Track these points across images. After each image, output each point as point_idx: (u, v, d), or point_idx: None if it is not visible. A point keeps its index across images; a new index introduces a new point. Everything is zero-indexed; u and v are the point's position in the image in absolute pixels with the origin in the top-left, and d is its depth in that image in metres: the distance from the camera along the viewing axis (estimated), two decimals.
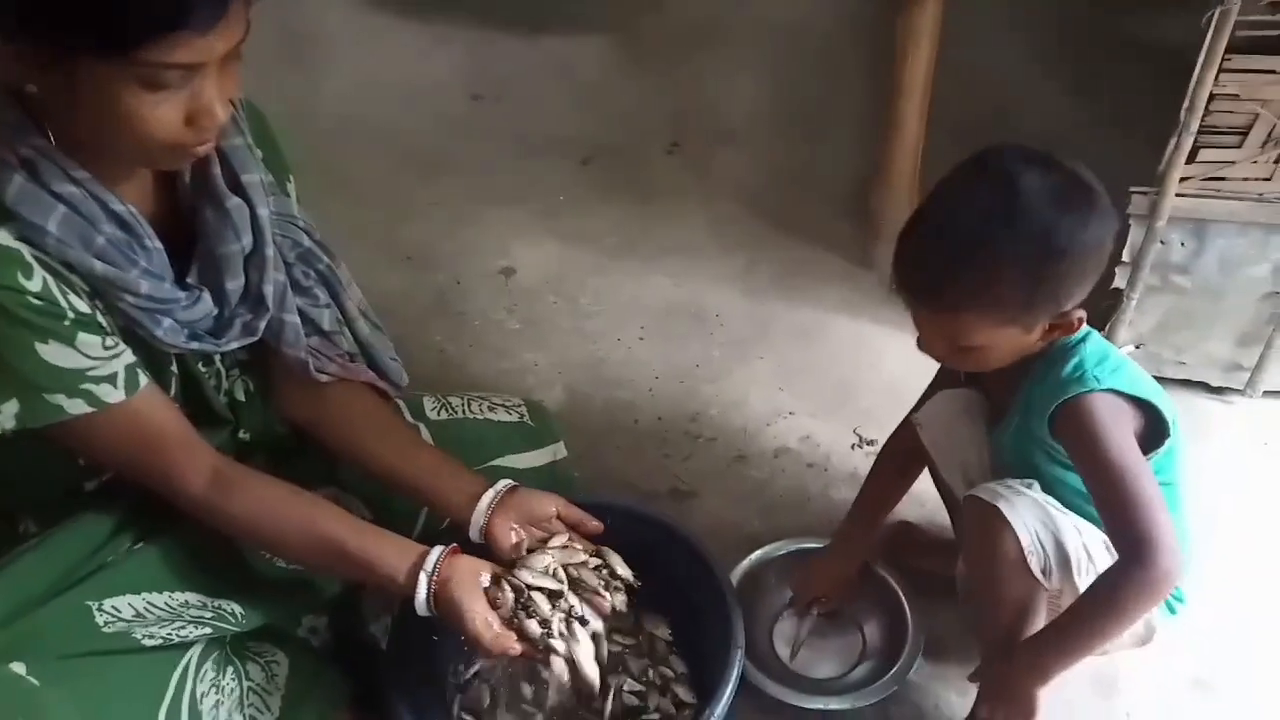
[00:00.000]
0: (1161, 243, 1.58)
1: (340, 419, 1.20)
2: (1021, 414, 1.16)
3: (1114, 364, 1.10)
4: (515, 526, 1.15)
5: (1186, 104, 1.44)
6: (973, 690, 1.29)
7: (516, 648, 1.05)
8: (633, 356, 1.92)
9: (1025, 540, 1.10)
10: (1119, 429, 1.07)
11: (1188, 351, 1.71)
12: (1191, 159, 1.49)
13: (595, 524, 1.19)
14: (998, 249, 1.02)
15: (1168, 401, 1.13)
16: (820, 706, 1.27)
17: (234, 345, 1.08)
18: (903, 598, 1.40)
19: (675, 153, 2.51)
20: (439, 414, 1.37)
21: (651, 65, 2.66)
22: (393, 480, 1.20)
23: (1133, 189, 1.55)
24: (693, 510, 1.60)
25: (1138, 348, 1.72)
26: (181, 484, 1.03)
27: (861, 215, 2.12)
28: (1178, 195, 1.52)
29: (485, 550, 1.14)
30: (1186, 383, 1.75)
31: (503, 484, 1.16)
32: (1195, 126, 1.45)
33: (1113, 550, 1.09)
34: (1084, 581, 1.12)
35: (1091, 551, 1.14)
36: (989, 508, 1.12)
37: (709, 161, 2.45)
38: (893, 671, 1.30)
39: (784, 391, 1.83)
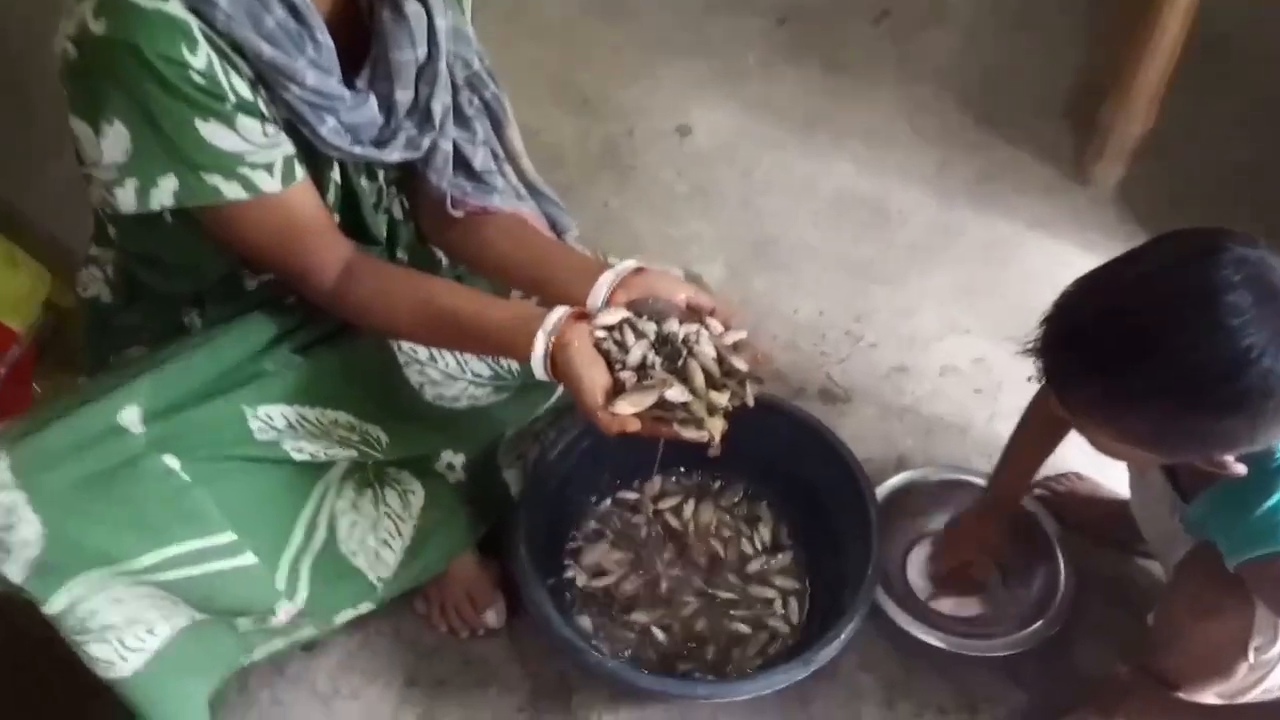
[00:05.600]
0: None
1: (478, 246, 1.12)
2: (1203, 521, 0.99)
3: None
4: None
5: None
6: (1109, 662, 1.20)
7: (633, 425, 0.91)
8: (802, 242, 1.80)
9: (1260, 621, 0.96)
10: None
11: None
12: None
13: (731, 315, 1.02)
14: (1163, 389, 0.82)
15: None
16: (948, 647, 1.20)
17: (397, 157, 1.04)
18: (1058, 550, 1.29)
19: (882, 23, 2.28)
20: None
21: None
22: (510, 273, 1.11)
23: None
24: (842, 416, 1.51)
25: None
26: (316, 278, 1.01)
27: (1083, 124, 1.89)
28: None
29: None
30: None
31: (627, 264, 1.02)
32: None
33: None
34: None
35: None
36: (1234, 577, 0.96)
37: (916, 39, 2.21)
38: (1035, 626, 1.21)
39: (962, 306, 1.68)
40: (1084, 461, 1.39)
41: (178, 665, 1.05)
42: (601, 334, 0.94)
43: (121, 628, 0.98)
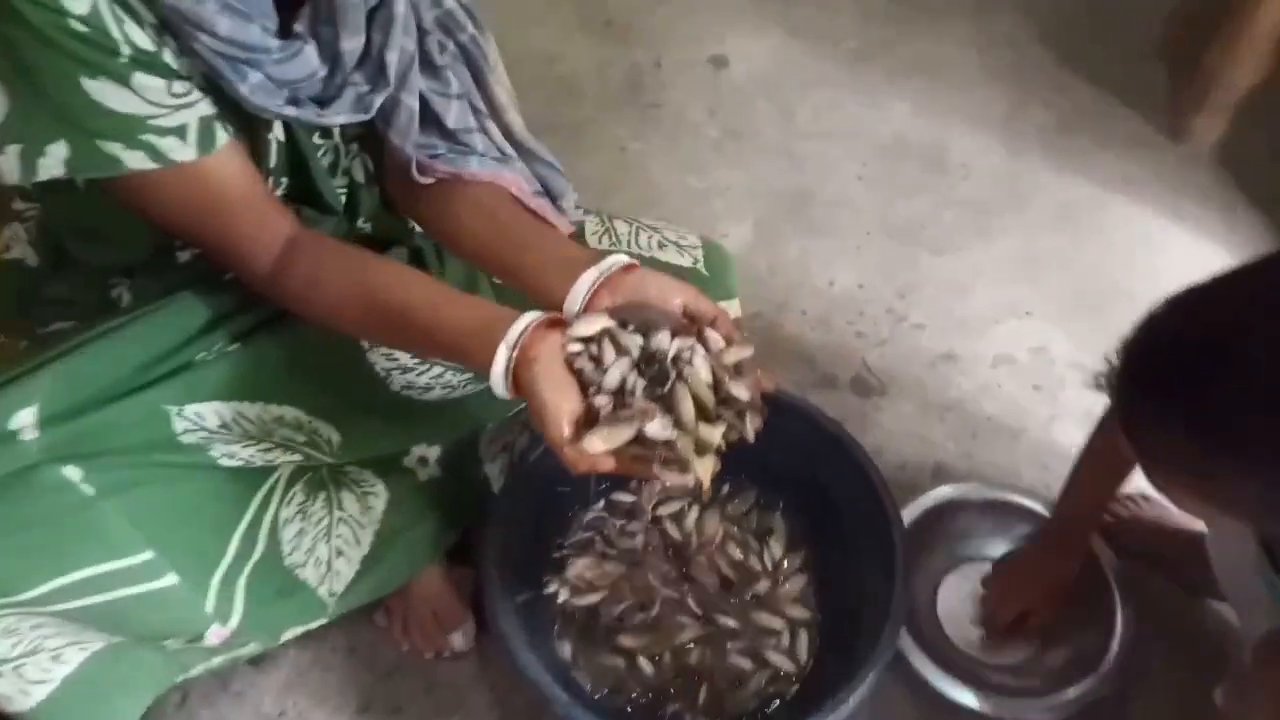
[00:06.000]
0: None
1: (448, 223, 0.95)
2: None
3: None
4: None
5: None
6: None
7: (605, 465, 0.75)
8: (845, 198, 1.59)
9: None
10: None
11: None
12: None
13: (731, 328, 0.84)
14: (1268, 445, 0.64)
15: None
16: (980, 708, 1.04)
17: (342, 120, 0.86)
18: (1115, 588, 1.11)
19: None
20: (600, 241, 1.14)
21: None
22: (483, 258, 0.94)
23: None
24: (876, 412, 1.33)
25: None
26: (247, 261, 0.86)
27: (1183, 69, 1.63)
28: None
29: None
30: None
31: (614, 260, 0.84)
32: None
33: None
34: None
35: None
36: None
37: None
38: (1083, 685, 1.04)
39: (1025, 282, 1.47)
40: None
41: (93, 691, 0.93)
42: (576, 347, 0.77)
43: (18, 660, 0.86)
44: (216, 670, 1.04)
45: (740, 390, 0.78)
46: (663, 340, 0.78)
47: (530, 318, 0.79)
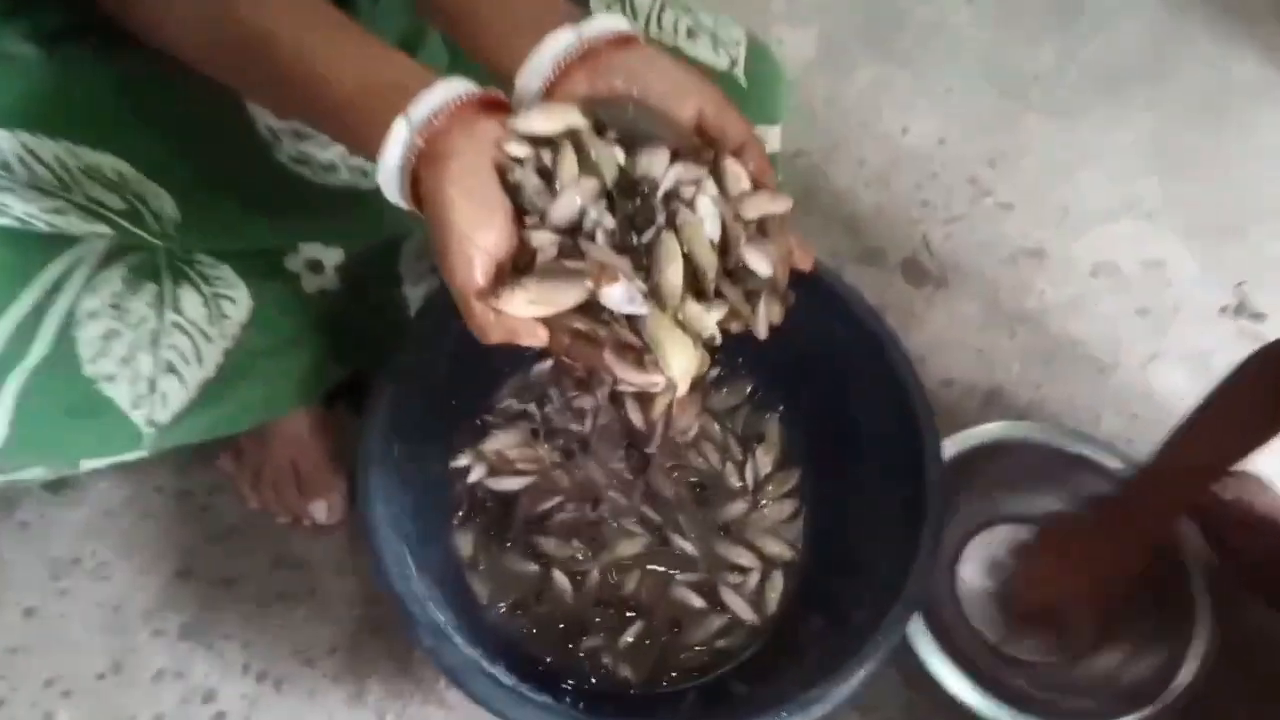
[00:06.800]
0: None
1: None
2: None
3: None
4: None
5: None
6: None
7: (531, 336, 0.50)
8: (947, 25, 1.24)
9: None
10: None
11: None
12: None
13: (765, 164, 0.56)
14: None
15: None
16: (980, 710, 0.78)
17: None
18: (1198, 595, 0.84)
19: None
20: (609, 10, 0.81)
21: None
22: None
23: None
24: (927, 307, 1.03)
25: None
26: None
27: None
28: None
29: None
30: None
31: (605, 24, 0.55)
32: None
33: None
34: None
35: None
36: None
37: None
38: (1140, 715, 0.78)
39: (1153, 175, 1.15)
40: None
41: None
42: (520, 150, 0.51)
43: None
44: None
45: (759, 261, 0.53)
46: (656, 162, 0.52)
47: (454, 88, 0.50)
